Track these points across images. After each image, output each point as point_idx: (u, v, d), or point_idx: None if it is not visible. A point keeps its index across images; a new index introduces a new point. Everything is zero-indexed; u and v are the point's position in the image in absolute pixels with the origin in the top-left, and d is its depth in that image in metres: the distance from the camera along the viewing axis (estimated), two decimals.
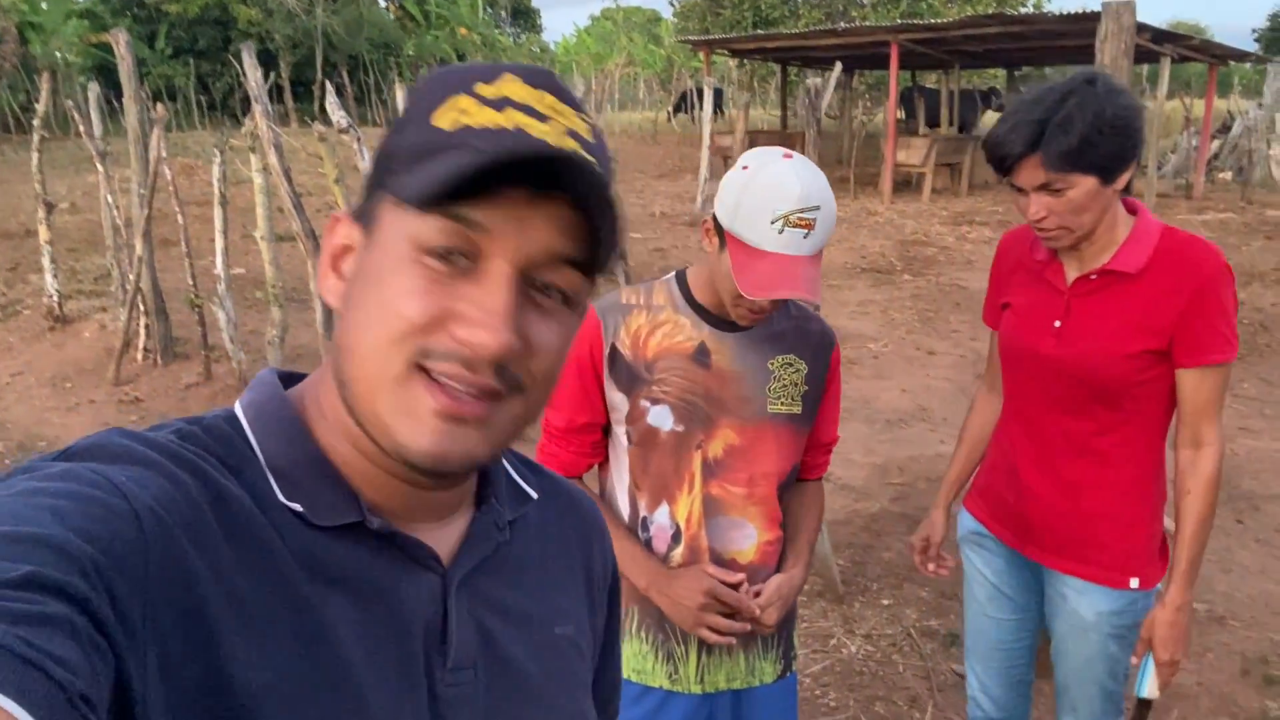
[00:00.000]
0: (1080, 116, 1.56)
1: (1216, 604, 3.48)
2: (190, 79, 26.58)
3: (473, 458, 0.58)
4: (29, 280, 8.40)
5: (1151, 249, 1.68)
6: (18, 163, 13.53)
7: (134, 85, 5.85)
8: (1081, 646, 1.84)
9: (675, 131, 22.81)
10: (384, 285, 0.57)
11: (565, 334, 0.61)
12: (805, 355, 1.61)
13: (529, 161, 0.54)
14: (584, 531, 0.81)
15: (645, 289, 1.62)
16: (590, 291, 0.64)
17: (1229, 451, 4.94)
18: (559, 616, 0.74)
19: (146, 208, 5.86)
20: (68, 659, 0.40)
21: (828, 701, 3.00)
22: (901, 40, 14.20)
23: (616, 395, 1.59)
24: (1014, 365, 1.86)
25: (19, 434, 5.25)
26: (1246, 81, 31.10)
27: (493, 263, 0.56)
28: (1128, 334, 1.68)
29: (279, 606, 0.55)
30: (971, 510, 2.02)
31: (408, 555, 0.63)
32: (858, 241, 11.07)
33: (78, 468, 0.51)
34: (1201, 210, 13.15)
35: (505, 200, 0.55)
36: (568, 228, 0.57)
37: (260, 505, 0.58)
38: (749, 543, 1.61)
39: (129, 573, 0.47)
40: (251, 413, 0.63)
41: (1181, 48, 14.02)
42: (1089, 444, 1.77)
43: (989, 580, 1.99)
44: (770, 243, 1.39)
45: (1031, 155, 1.59)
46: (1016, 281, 1.85)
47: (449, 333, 0.55)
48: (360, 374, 0.57)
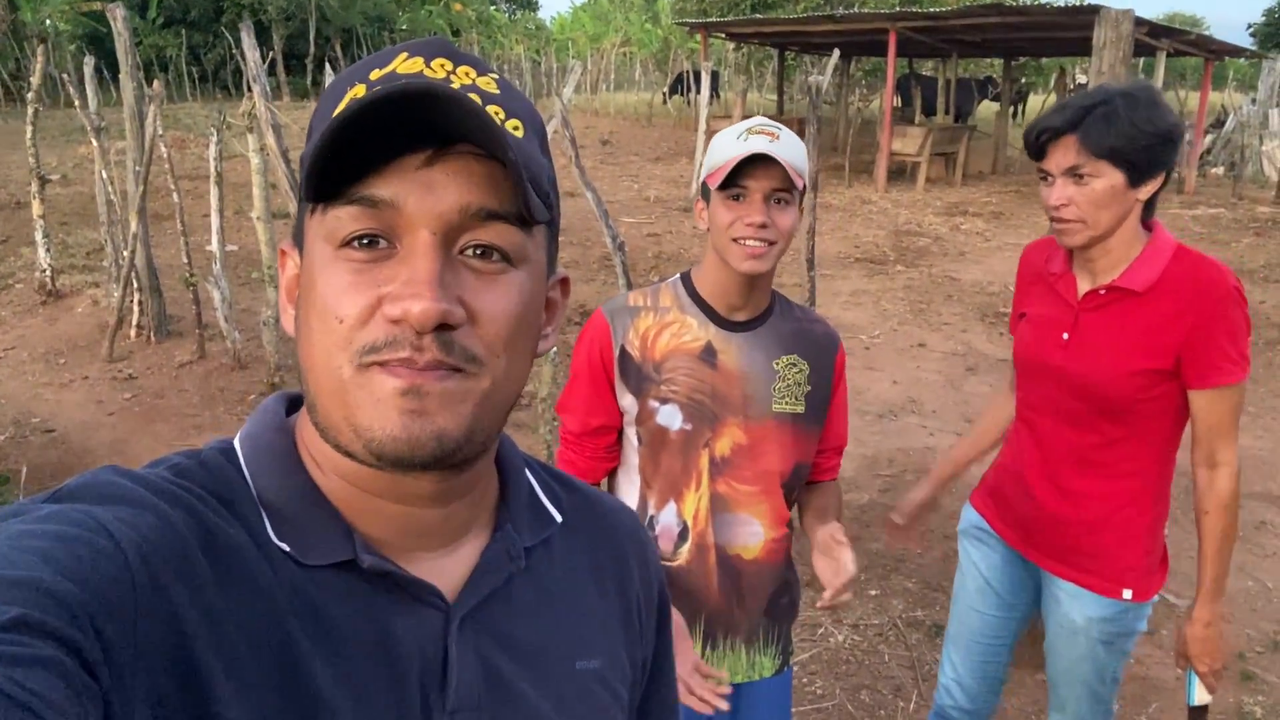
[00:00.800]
0: (1125, 112, 1.60)
1: None
2: (182, 50, 26.31)
3: (444, 435, 0.55)
4: (20, 253, 8.36)
5: (1162, 268, 1.69)
6: (8, 132, 13.40)
7: (131, 61, 5.81)
8: (1070, 648, 1.89)
9: (670, 114, 22.71)
10: (317, 291, 0.56)
11: (516, 295, 0.58)
12: (808, 356, 1.64)
13: (402, 110, 0.51)
14: (620, 552, 0.77)
15: (652, 291, 1.67)
16: (538, 245, 0.60)
17: None
18: (583, 650, 0.69)
19: (142, 184, 5.84)
20: (57, 701, 0.40)
21: (814, 690, 3.06)
22: (900, 28, 14.17)
23: (627, 398, 1.63)
24: (1025, 374, 1.90)
25: (13, 410, 5.24)
26: (1241, 76, 31.15)
27: (411, 235, 0.54)
28: (1131, 352, 1.70)
29: (265, 649, 0.54)
30: (978, 507, 2.06)
31: (405, 592, 0.61)
32: (851, 231, 11.09)
33: (65, 509, 0.50)
34: (1193, 205, 13.22)
35: (403, 168, 0.54)
36: (480, 180, 0.55)
37: (255, 542, 0.57)
38: (755, 539, 1.65)
39: (117, 614, 0.46)
40: (248, 446, 0.62)
41: (1178, 42, 14.04)
42: (1092, 456, 1.79)
43: (982, 574, 2.03)
44: (738, 149, 1.48)
45: (1069, 135, 1.63)
46: (1034, 292, 1.89)
47: (383, 316, 0.54)
48: (320, 389, 0.56)
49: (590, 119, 21.11)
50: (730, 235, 1.51)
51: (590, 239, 9.82)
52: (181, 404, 5.39)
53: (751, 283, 1.57)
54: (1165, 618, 3.41)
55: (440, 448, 0.55)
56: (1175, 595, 3.57)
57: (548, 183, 0.60)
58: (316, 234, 0.56)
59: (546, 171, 0.60)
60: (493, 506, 0.69)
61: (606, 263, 8.84)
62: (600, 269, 8.80)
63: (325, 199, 0.55)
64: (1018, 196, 13.85)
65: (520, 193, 0.54)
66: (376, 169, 0.54)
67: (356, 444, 0.55)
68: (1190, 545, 3.92)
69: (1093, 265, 1.76)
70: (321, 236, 0.56)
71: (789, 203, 1.51)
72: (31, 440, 4.89)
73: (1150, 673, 3.10)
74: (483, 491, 0.67)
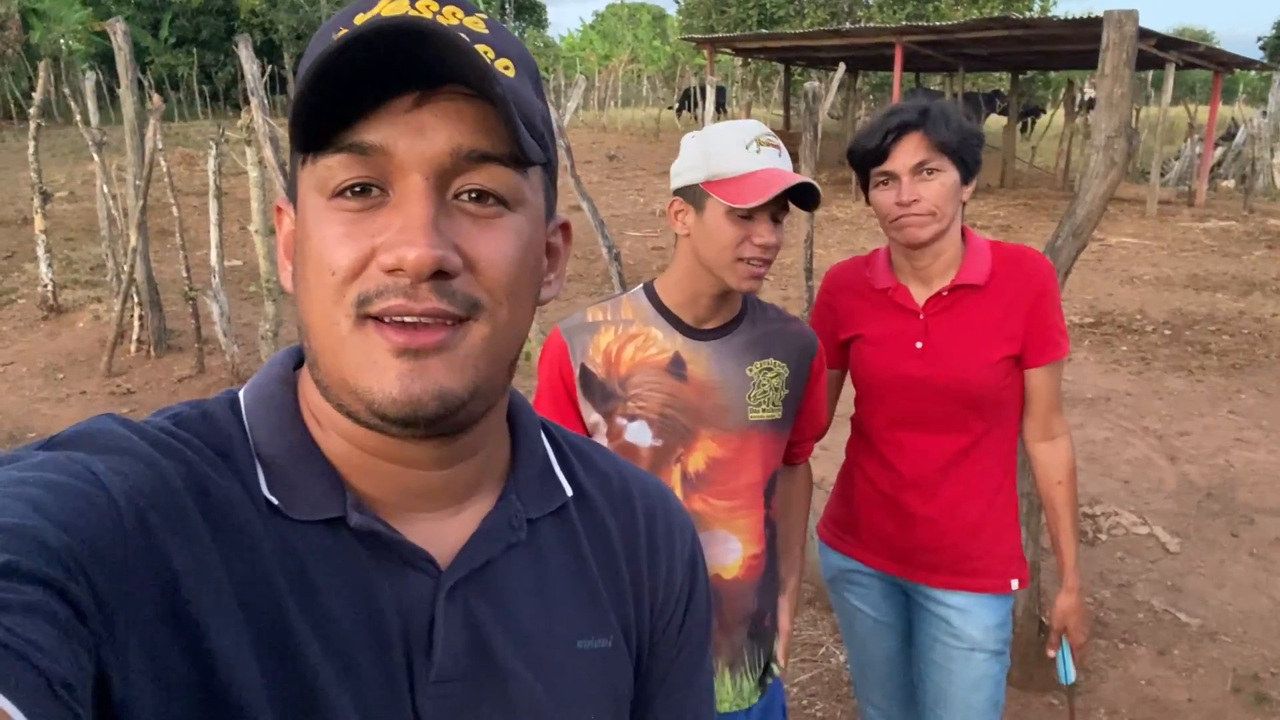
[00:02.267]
0: (953, 116, 1.70)
1: (1209, 619, 3.45)
2: (193, 68, 26.53)
3: (446, 392, 0.53)
4: (24, 269, 8.38)
5: (990, 260, 1.77)
6: (18, 149, 13.49)
7: (131, 75, 5.81)
8: (968, 671, 1.83)
9: (678, 129, 22.75)
10: (311, 244, 0.54)
11: (515, 239, 0.56)
12: (787, 358, 1.58)
13: (386, 48, 0.49)
14: (639, 527, 0.72)
15: (612, 305, 1.59)
16: (534, 187, 0.58)
17: (1224, 464, 4.93)
18: (588, 629, 0.66)
19: (142, 199, 5.83)
20: (49, 646, 0.40)
21: (815, 712, 2.97)
22: (906, 42, 14.16)
23: (594, 416, 1.55)
24: (877, 393, 1.84)
25: (9, 424, 5.22)
26: (1251, 89, 31.04)
27: (403, 181, 0.53)
28: (988, 344, 1.75)
29: (252, 603, 0.53)
30: (839, 548, 1.98)
31: (394, 554, 0.59)
32: (858, 244, 11.04)
33: (58, 457, 0.50)
34: (1203, 218, 13.12)
35: (391, 111, 0.52)
36: (471, 121, 0.53)
37: (248, 495, 0.56)
38: (733, 558, 1.58)
39: (107, 562, 0.46)
40: (251, 396, 0.61)
41: (1186, 55, 13.98)
42: (965, 456, 1.80)
43: (869, 615, 1.98)
44: (752, 162, 1.43)
45: (915, 131, 1.67)
46: (860, 314, 1.85)
47: (379, 267, 0.52)
48: (319, 345, 0.55)
49: (598, 134, 21.15)
50: (737, 254, 1.44)
51: (594, 252, 9.79)
52: None
53: (729, 294, 1.52)
54: (1177, 638, 3.31)
55: (443, 406, 0.53)
56: (1187, 614, 3.47)
57: (541, 123, 0.58)
58: (308, 185, 0.55)
59: (540, 112, 0.58)
60: (502, 472, 0.66)
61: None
62: (604, 282, 8.76)
63: (314, 147, 0.53)
64: (1026, 209, 13.77)
65: (512, 132, 0.52)
66: (365, 114, 0.52)
67: (358, 405, 0.54)
68: (1202, 562, 3.83)
69: (927, 270, 1.77)
70: (313, 188, 0.54)
71: (784, 218, 1.49)
72: None
73: (1161, 693, 3.00)
74: (491, 454, 0.65)
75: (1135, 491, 4.60)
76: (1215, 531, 4.18)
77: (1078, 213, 2.59)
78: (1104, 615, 3.47)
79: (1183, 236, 11.85)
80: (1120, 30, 2.45)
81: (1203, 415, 5.66)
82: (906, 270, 1.81)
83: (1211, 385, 6.21)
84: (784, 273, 9.04)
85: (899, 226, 1.71)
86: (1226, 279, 9.35)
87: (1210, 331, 7.45)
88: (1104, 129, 2.50)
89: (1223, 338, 7.28)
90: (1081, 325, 7.57)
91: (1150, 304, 8.33)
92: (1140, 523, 4.23)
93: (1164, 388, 6.17)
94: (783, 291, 8.30)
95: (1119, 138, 2.49)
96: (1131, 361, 6.74)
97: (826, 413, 1.74)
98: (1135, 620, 3.44)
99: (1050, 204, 14.19)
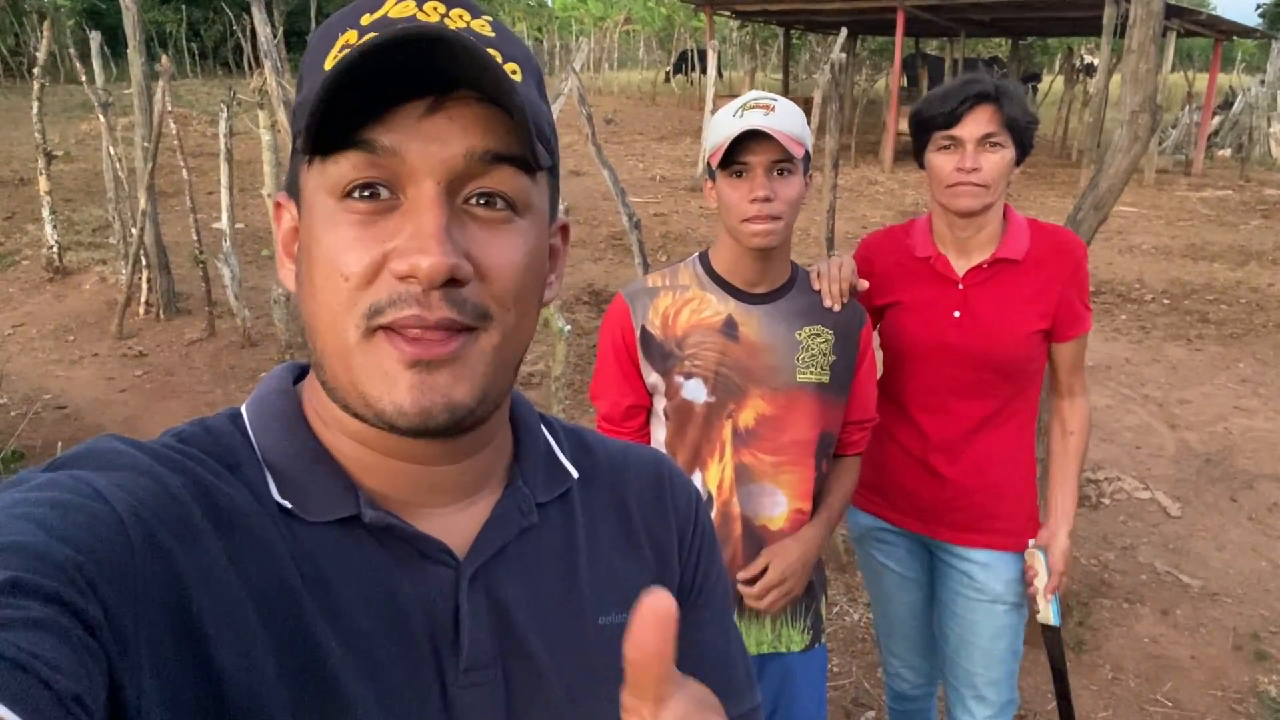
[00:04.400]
0: (1021, 97, 1.77)
1: (1210, 580, 3.56)
2: (182, 26, 26.10)
3: (456, 404, 0.54)
4: (26, 230, 8.33)
5: (1029, 238, 1.83)
6: (8, 107, 13.33)
7: (139, 36, 5.76)
8: (990, 621, 1.93)
9: (675, 93, 22.58)
10: (320, 247, 0.54)
11: (523, 244, 0.56)
12: (832, 325, 1.65)
13: (404, 56, 0.49)
14: (647, 499, 0.74)
15: (670, 271, 1.68)
16: (541, 192, 0.59)
17: (1223, 430, 5.03)
18: (606, 606, 0.67)
19: (150, 161, 5.81)
20: (59, 662, 0.40)
21: (831, 667, 3.07)
22: (908, 6, 14.06)
23: (653, 376, 1.65)
24: (913, 358, 1.91)
25: (25, 387, 5.24)
26: (1249, 58, 30.94)
27: (415, 187, 0.53)
28: (1023, 317, 1.82)
29: (271, 608, 0.53)
30: (865, 508, 2.07)
31: (413, 548, 0.59)
32: (858, 211, 11.05)
33: (60, 476, 0.50)
34: (1200, 187, 13.17)
35: (404, 116, 0.52)
36: (482, 124, 0.53)
37: (259, 503, 0.56)
38: (779, 510, 1.66)
39: (116, 577, 0.46)
40: (253, 409, 0.62)
41: (1188, 22, 13.94)
42: (991, 421, 1.88)
43: (894, 570, 2.08)
44: (736, 126, 1.49)
45: (989, 104, 1.72)
46: (898, 281, 1.91)
47: (391, 275, 0.52)
48: (326, 350, 0.55)
49: (594, 98, 20.97)
50: (739, 215, 1.53)
51: (597, 218, 9.80)
52: (192, 381, 5.39)
53: (766, 256, 1.59)
54: (1180, 599, 3.43)
55: (452, 416, 0.54)
56: (1189, 576, 3.58)
57: (548, 128, 0.59)
58: (317, 186, 0.54)
59: (546, 116, 0.58)
60: (507, 463, 0.68)
61: (615, 242, 8.81)
62: (609, 248, 8.78)
63: (325, 149, 0.53)
64: (1024, 177, 13.79)
65: (526, 137, 0.53)
66: (378, 117, 0.52)
67: (367, 411, 0.54)
68: (1202, 526, 3.95)
69: (969, 242, 1.84)
70: (323, 189, 0.54)
71: (791, 172, 1.52)
72: (44, 417, 4.89)
73: (1165, 651, 3.12)
74: (497, 447, 0.66)
75: (1137, 457, 4.70)
76: (1215, 496, 4.29)
77: (1100, 185, 2.64)
78: (1108, 577, 3.58)
79: (1180, 206, 11.91)
80: (1148, 6, 2.49)
81: (1201, 383, 5.76)
82: (948, 240, 1.86)
83: (1210, 354, 6.31)
84: (804, 238, 9.07)
85: (954, 194, 1.76)
86: (1223, 248, 9.43)
87: (1208, 301, 7.54)
88: (1129, 104, 2.55)
89: (1220, 307, 7.38)
90: None
91: (1149, 273, 8.41)
92: (1142, 488, 4.34)
93: (1163, 356, 6.27)
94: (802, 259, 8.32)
95: (1144, 112, 2.54)
96: (1131, 330, 6.83)
97: (873, 397, 1.78)
98: (1139, 581, 3.55)
99: (1048, 171, 14.22)
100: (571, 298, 7.00)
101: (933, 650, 2.19)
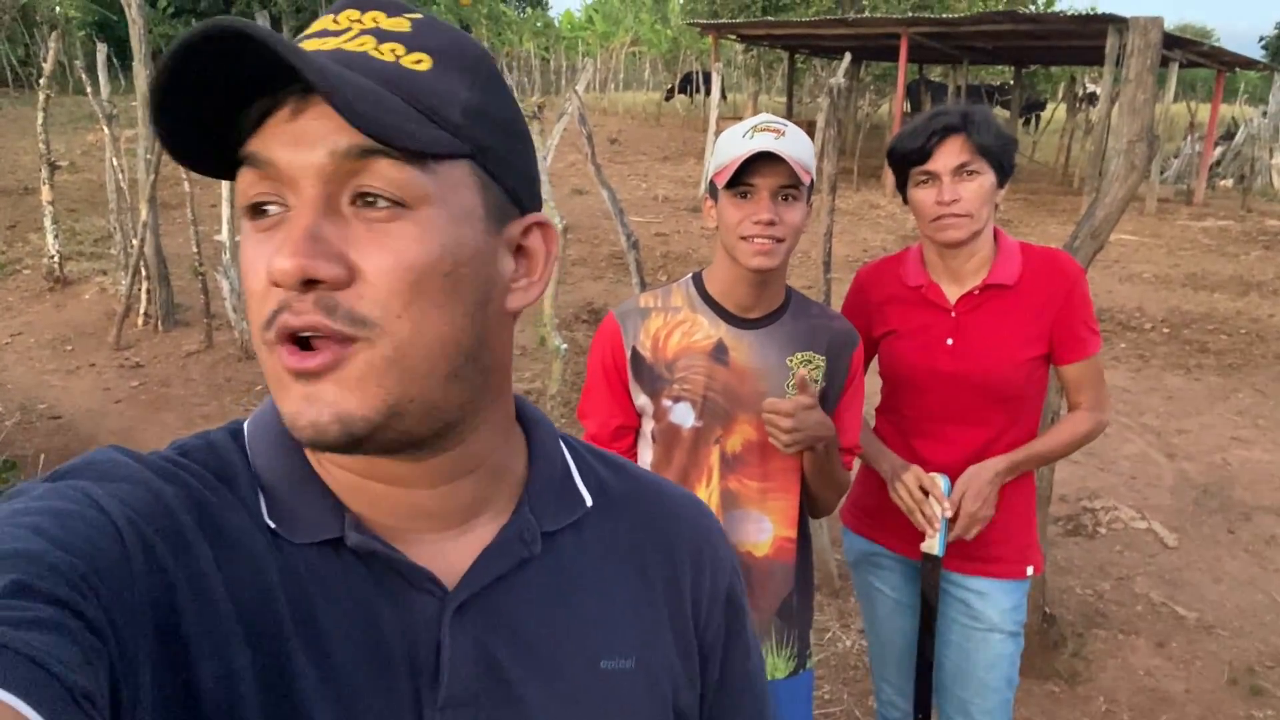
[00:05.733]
0: (993, 121, 1.77)
1: (1206, 612, 3.53)
2: None
3: (345, 416, 0.51)
4: (28, 239, 8.36)
5: (1020, 262, 1.82)
6: (15, 117, 13.41)
7: (145, 47, 5.80)
8: (985, 651, 1.91)
9: (679, 114, 22.69)
10: (241, 267, 0.54)
11: (413, 243, 0.51)
12: (825, 352, 1.64)
13: (208, 60, 0.47)
14: (672, 543, 0.70)
15: (663, 292, 1.67)
16: (452, 183, 0.53)
17: (1221, 461, 5.01)
18: (611, 648, 0.63)
19: (153, 173, 5.83)
20: (70, 660, 0.40)
21: (822, 695, 3.04)
22: (912, 33, 14.15)
23: (642, 398, 1.63)
24: (909, 386, 1.90)
25: (20, 396, 5.24)
26: (1252, 89, 31.11)
27: (296, 194, 0.51)
28: (1017, 342, 1.81)
29: (256, 627, 0.52)
30: (861, 532, 2.05)
31: (399, 575, 0.57)
32: (859, 235, 11.08)
33: (61, 486, 0.50)
34: (1201, 217, 13.20)
35: (276, 121, 0.50)
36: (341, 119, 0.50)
37: (252, 521, 0.56)
38: (765, 536, 1.65)
39: (113, 583, 0.46)
40: (253, 426, 0.61)
41: (1190, 53, 14.02)
42: (989, 448, 1.86)
43: (890, 596, 2.06)
44: (745, 146, 1.49)
45: (958, 134, 1.72)
46: (892, 311, 1.91)
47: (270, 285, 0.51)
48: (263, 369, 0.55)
49: (599, 118, 21.09)
50: (739, 233, 1.52)
51: (599, 236, 9.82)
52: (188, 393, 5.38)
53: (762, 280, 1.57)
54: (1175, 631, 3.39)
55: (346, 430, 0.51)
56: (1185, 608, 3.55)
57: (461, 112, 0.53)
58: (239, 209, 0.54)
59: (459, 101, 0.53)
60: (517, 487, 0.64)
61: (615, 261, 8.82)
62: (609, 267, 8.79)
63: (206, 164, 0.53)
64: (1026, 205, 13.83)
65: (354, 121, 0.47)
66: (258, 127, 0.51)
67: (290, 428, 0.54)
68: (1199, 557, 3.92)
69: (960, 269, 1.83)
70: (240, 209, 0.54)
71: (796, 198, 1.52)
72: (38, 426, 4.88)
73: (1159, 684, 3.08)
74: (496, 470, 0.62)
75: (1134, 487, 4.68)
76: (1212, 528, 4.26)
77: (1097, 214, 2.64)
78: (1103, 607, 3.55)
79: (1181, 235, 11.93)
80: (1145, 36, 2.50)
81: (1200, 413, 5.74)
82: (939, 268, 1.86)
83: (1209, 384, 6.29)
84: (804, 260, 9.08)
85: (938, 228, 1.77)
86: (1224, 278, 9.43)
87: (1208, 330, 7.54)
88: (1126, 133, 2.55)
89: (1220, 337, 7.37)
90: None
91: (1149, 302, 8.41)
92: (1139, 518, 4.31)
93: (1162, 385, 6.25)
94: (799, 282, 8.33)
95: (1140, 142, 2.54)
96: (1130, 359, 6.81)
97: (857, 425, 1.74)
98: (1134, 612, 3.52)
99: (1050, 199, 14.25)
100: (570, 316, 7.00)
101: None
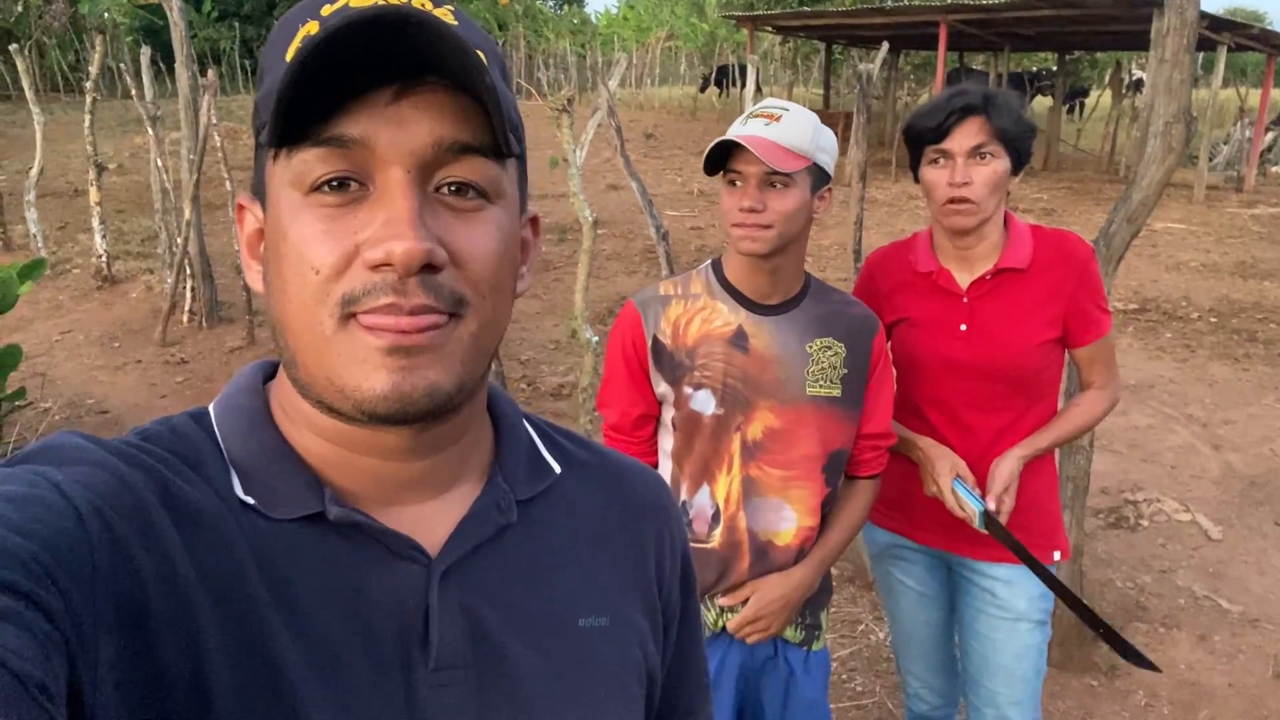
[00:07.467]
0: (1014, 105, 1.74)
1: (1250, 606, 3.45)
2: (235, 43, 26.76)
3: (436, 388, 0.53)
4: (78, 240, 8.57)
5: (1032, 245, 1.80)
6: (66, 122, 13.75)
7: (186, 51, 5.92)
8: (1012, 641, 1.88)
9: (715, 108, 22.61)
10: (288, 244, 0.53)
11: (496, 233, 0.56)
12: (844, 338, 1.63)
13: (374, 38, 0.48)
14: (635, 512, 0.73)
15: (683, 280, 1.67)
16: (511, 180, 0.58)
17: (1269, 453, 4.88)
18: (587, 607, 0.66)
19: (196, 173, 5.95)
20: (22, 650, 0.40)
21: (854, 686, 3.03)
22: (951, 20, 13.95)
23: (663, 386, 1.63)
24: (924, 373, 1.88)
25: (69, 391, 5.38)
26: None
27: (385, 174, 0.52)
28: (1031, 326, 1.79)
29: (228, 605, 0.52)
30: (883, 524, 2.03)
31: (381, 545, 0.58)
32: (897, 226, 10.95)
33: (17, 471, 0.49)
34: (1252, 204, 12.86)
35: (370, 105, 0.51)
36: (451, 112, 0.52)
37: (221, 500, 0.56)
38: (787, 525, 1.64)
39: (74, 569, 0.45)
40: (219, 406, 0.61)
41: (1240, 36, 13.64)
42: (1008, 433, 1.84)
43: (913, 588, 2.04)
44: (734, 133, 1.49)
45: (978, 115, 1.69)
46: (903, 298, 1.88)
47: (364, 265, 0.51)
48: (299, 346, 0.54)
49: (634, 113, 21.09)
50: (730, 220, 1.53)
51: (633, 231, 9.83)
52: None
53: (771, 267, 1.57)
54: (1218, 624, 3.32)
55: (432, 401, 0.53)
56: (1228, 601, 3.47)
57: (515, 115, 0.57)
58: (282, 180, 0.53)
59: (512, 104, 0.57)
60: (487, 459, 0.66)
61: (649, 255, 8.83)
62: (643, 261, 8.80)
63: (290, 142, 0.52)
64: (1070, 193, 13.58)
65: (498, 123, 0.52)
66: (343, 107, 0.51)
67: (344, 403, 0.53)
68: (1244, 550, 3.83)
69: (970, 254, 1.81)
70: (288, 183, 0.53)
71: (787, 185, 1.50)
72: (86, 421, 5.01)
73: (1201, 678, 3.02)
74: (472, 442, 0.64)
75: (1178, 479, 4.58)
76: (1258, 520, 4.16)
77: (1133, 198, 2.59)
78: (1144, 600, 3.48)
79: (1230, 223, 11.63)
80: (1181, 15, 2.44)
81: (1248, 404, 5.60)
82: (950, 253, 1.84)
83: (1258, 374, 6.13)
84: (821, 254, 9.02)
85: (948, 213, 1.75)
86: (1275, 266, 9.18)
87: (1257, 320, 7.34)
88: (1162, 114, 2.50)
89: (1270, 326, 7.18)
90: (1126, 311, 7.50)
91: (1196, 291, 8.21)
92: (1182, 510, 4.22)
93: (1209, 375, 6.11)
94: (821, 272, 8.28)
95: (1177, 123, 2.48)
96: (1176, 349, 6.67)
97: (888, 412, 1.73)
98: (1176, 606, 3.45)
99: (1095, 188, 13.98)
100: (604, 310, 7.03)
101: (953, 670, 2.15)
